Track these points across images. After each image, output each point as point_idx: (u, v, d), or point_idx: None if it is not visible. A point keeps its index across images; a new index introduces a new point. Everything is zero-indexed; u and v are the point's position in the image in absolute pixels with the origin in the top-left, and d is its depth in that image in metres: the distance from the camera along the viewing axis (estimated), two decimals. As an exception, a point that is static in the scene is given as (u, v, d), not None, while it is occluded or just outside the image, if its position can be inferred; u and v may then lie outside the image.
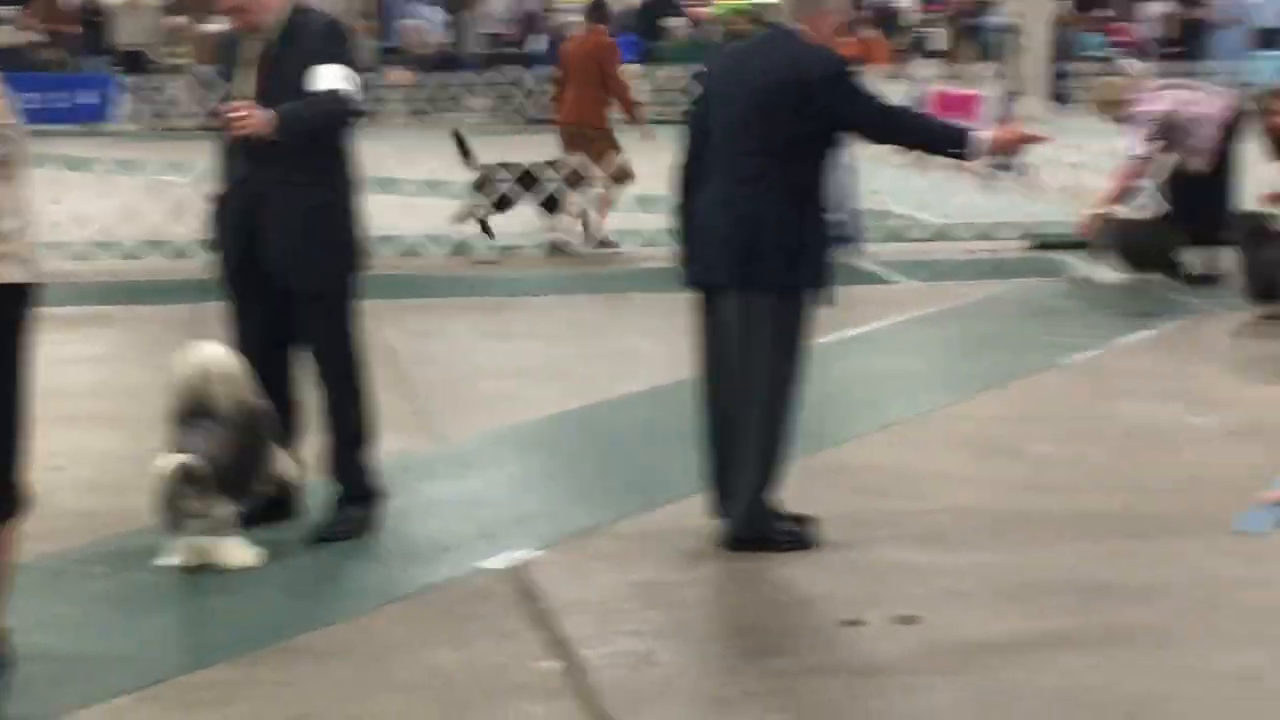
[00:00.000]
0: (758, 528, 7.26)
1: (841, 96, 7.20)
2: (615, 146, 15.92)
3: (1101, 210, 13.69)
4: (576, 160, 15.64)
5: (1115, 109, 13.78)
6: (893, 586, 6.86)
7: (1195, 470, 8.47)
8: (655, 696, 5.81)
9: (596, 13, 16.54)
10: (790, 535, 7.31)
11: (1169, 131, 13.46)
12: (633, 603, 6.71)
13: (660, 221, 14.99)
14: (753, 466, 7.27)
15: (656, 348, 11.36)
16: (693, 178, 7.40)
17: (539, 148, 16.94)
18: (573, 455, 8.98)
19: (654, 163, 16.21)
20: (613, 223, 16.09)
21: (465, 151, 16.14)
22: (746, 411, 7.25)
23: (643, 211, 15.87)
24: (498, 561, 7.16)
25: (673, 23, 30.85)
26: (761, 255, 7.15)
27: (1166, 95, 13.87)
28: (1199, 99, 13.80)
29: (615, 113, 16.18)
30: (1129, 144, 13.52)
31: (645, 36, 31.76)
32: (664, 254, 13.37)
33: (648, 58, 30.57)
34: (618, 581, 6.95)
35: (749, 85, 7.22)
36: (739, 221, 7.16)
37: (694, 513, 7.57)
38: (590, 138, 15.87)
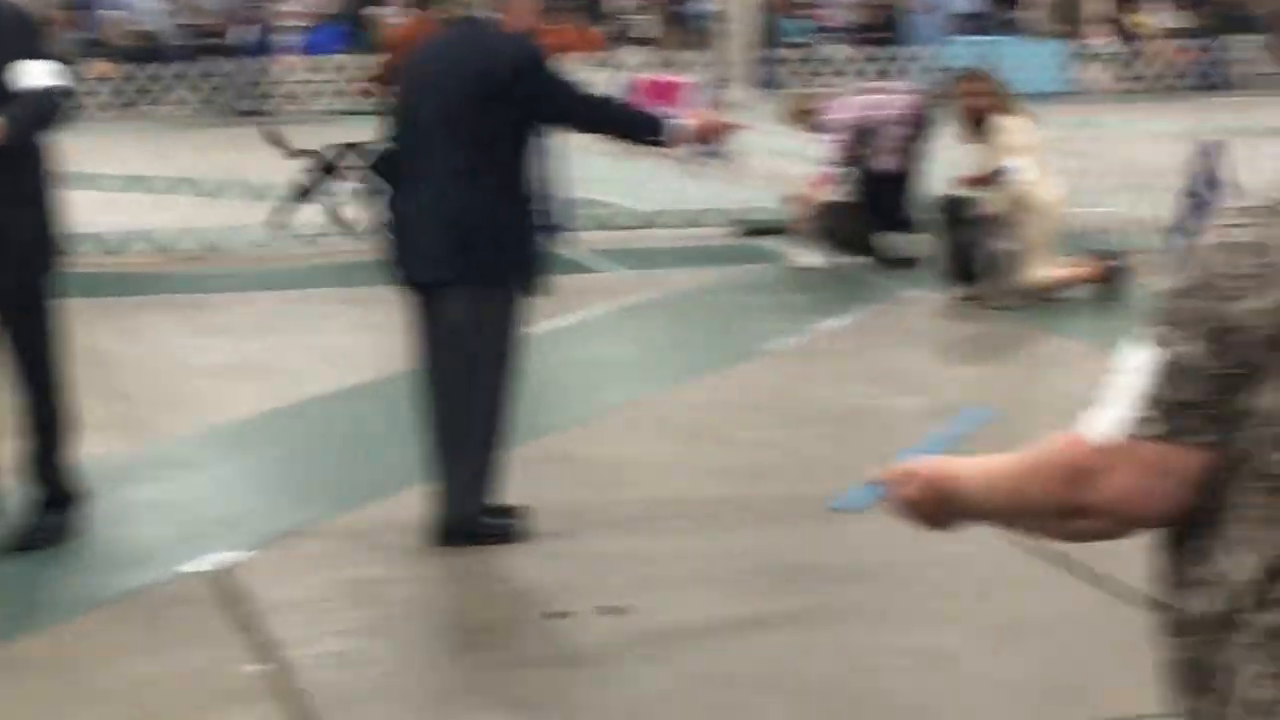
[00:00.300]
0: (470, 521, 7.26)
1: (539, 86, 7.22)
2: None
3: (803, 196, 13.98)
4: None
5: (807, 119, 14.20)
6: (601, 576, 6.91)
7: (899, 450, 8.64)
8: (365, 696, 5.79)
9: None
10: (501, 528, 7.32)
11: (860, 136, 13.86)
12: (342, 602, 6.68)
13: (366, 214, 14.92)
14: (467, 460, 7.26)
15: (366, 342, 11.29)
16: (399, 171, 7.38)
17: (247, 142, 16.74)
18: (282, 454, 8.91)
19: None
20: (319, 215, 15.90)
21: (284, 145, 16.06)
22: (463, 405, 7.25)
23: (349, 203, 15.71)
24: (203, 564, 7.08)
25: (383, 11, 30.63)
26: (477, 249, 7.15)
27: (855, 102, 14.28)
28: (887, 102, 14.25)
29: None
30: (823, 152, 13.90)
31: (355, 25, 31.54)
32: (371, 247, 13.31)
33: (358, 47, 30.36)
34: (327, 581, 6.91)
35: (451, 76, 7.21)
36: (453, 215, 7.15)
37: (405, 509, 7.55)
38: None
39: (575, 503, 7.84)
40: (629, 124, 7.57)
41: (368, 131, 7.89)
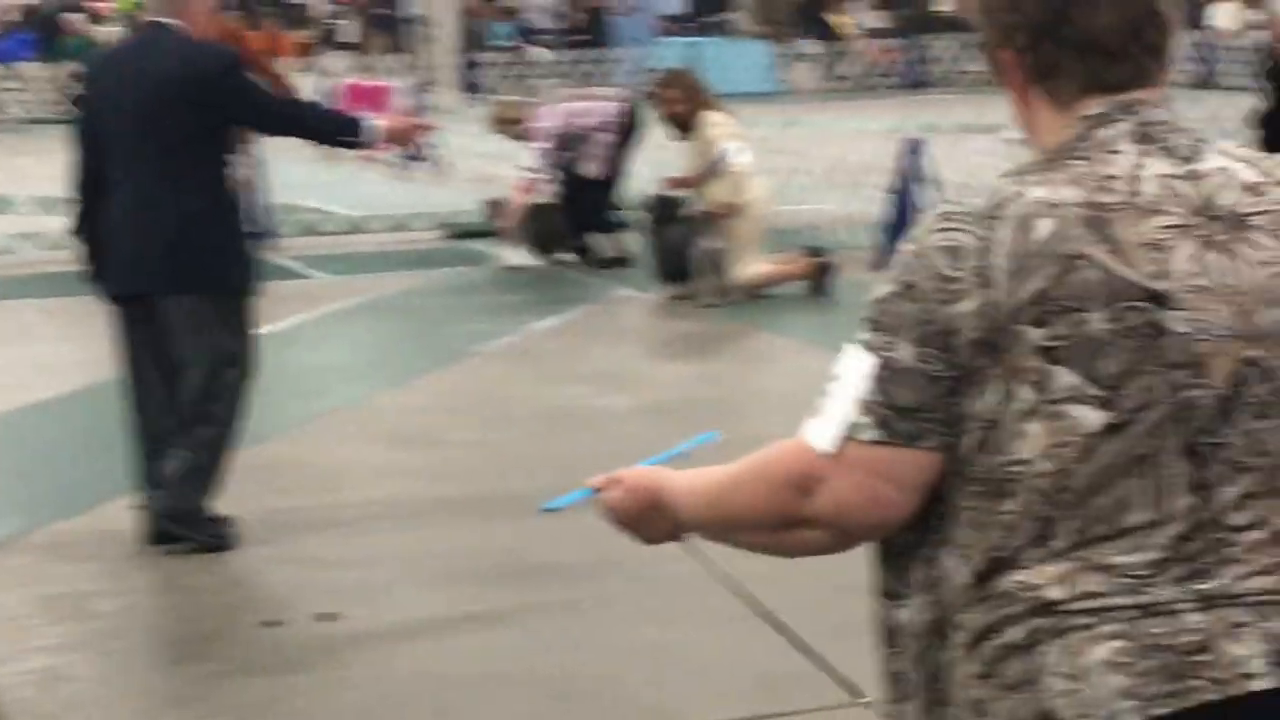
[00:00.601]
0: (187, 515, 7.10)
1: (233, 91, 7.14)
2: None
3: (509, 199, 13.96)
4: None
5: (512, 127, 14.15)
6: (314, 583, 6.78)
7: (612, 448, 8.62)
8: (67, 713, 5.61)
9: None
10: (213, 537, 7.15)
11: (566, 143, 13.86)
12: (45, 617, 6.47)
13: (63, 224, 14.56)
14: (189, 458, 7.11)
15: (67, 353, 11.00)
16: (94, 181, 7.19)
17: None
18: (-21, 467, 8.62)
19: (54, 164, 15.74)
20: (12, 226, 15.47)
21: None
22: (184, 414, 7.09)
23: (45, 214, 15.28)
24: (-102, 583, 6.82)
25: (73, 18, 30.01)
26: (190, 256, 7.03)
27: (560, 110, 14.29)
28: (592, 109, 14.26)
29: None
30: (529, 159, 13.85)
31: (44, 33, 30.82)
32: (68, 258, 12.98)
33: (48, 54, 29.67)
34: (29, 596, 6.69)
35: (144, 85, 7.06)
36: (158, 224, 7.01)
37: (111, 521, 7.36)
38: None
39: (287, 510, 7.69)
40: (324, 126, 7.55)
41: (63, 141, 7.65)
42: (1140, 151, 2.45)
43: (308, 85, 20.17)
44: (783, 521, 2.48)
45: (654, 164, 13.88)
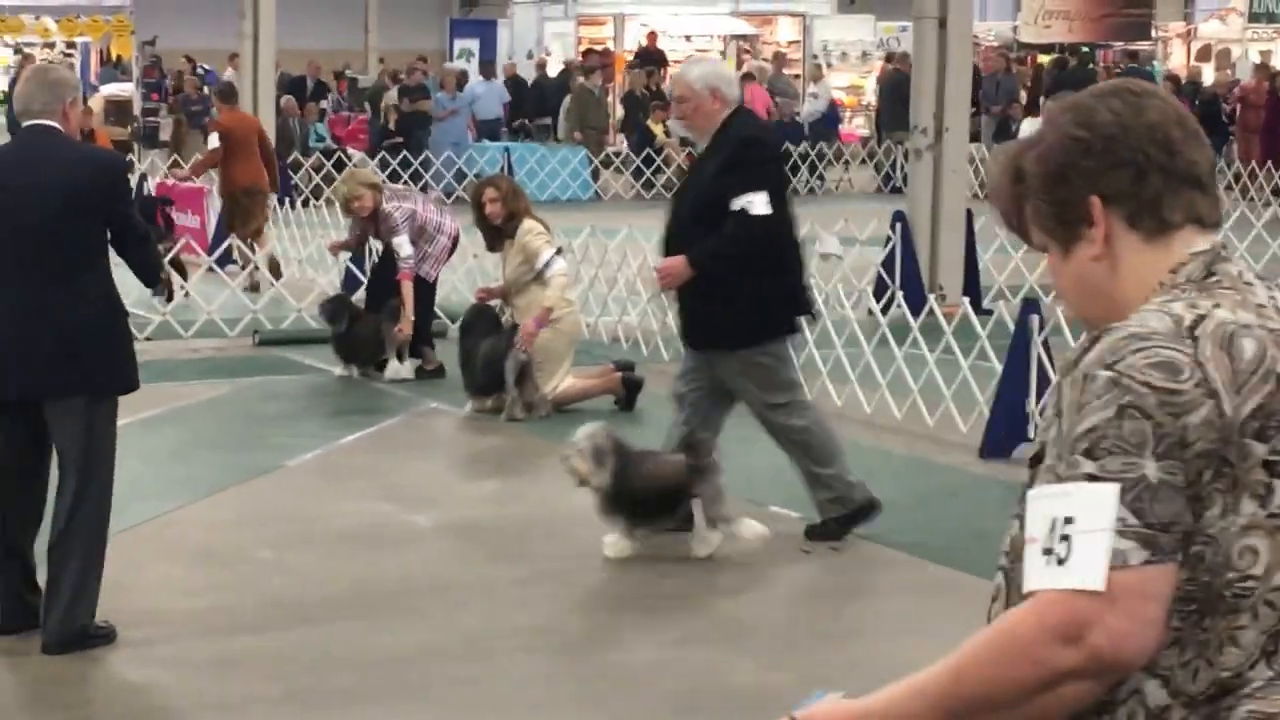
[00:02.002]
0: (84, 632, 7.25)
1: (122, 195, 7.41)
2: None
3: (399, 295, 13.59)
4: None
5: (352, 204, 13.66)
6: (108, 709, 6.70)
7: (409, 570, 8.59)
8: None
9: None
10: (107, 630, 7.37)
11: (420, 232, 13.61)
12: None
13: None
14: (78, 583, 7.22)
15: None
16: None
17: None
18: None
19: None
20: None
21: None
22: (80, 514, 7.21)
23: None
24: None
25: None
26: (86, 358, 7.16)
27: (413, 196, 14.21)
28: (433, 208, 14.04)
29: None
30: (399, 245, 13.40)
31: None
32: None
33: None
34: None
35: (37, 193, 7.13)
36: (61, 329, 7.12)
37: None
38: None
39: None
40: (150, 264, 7.72)
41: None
42: (1264, 285, 2.57)
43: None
44: (1040, 685, 2.39)
45: (466, 272, 13.79)
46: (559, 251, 12.69)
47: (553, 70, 35.80)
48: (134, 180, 20.93)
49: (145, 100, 34.04)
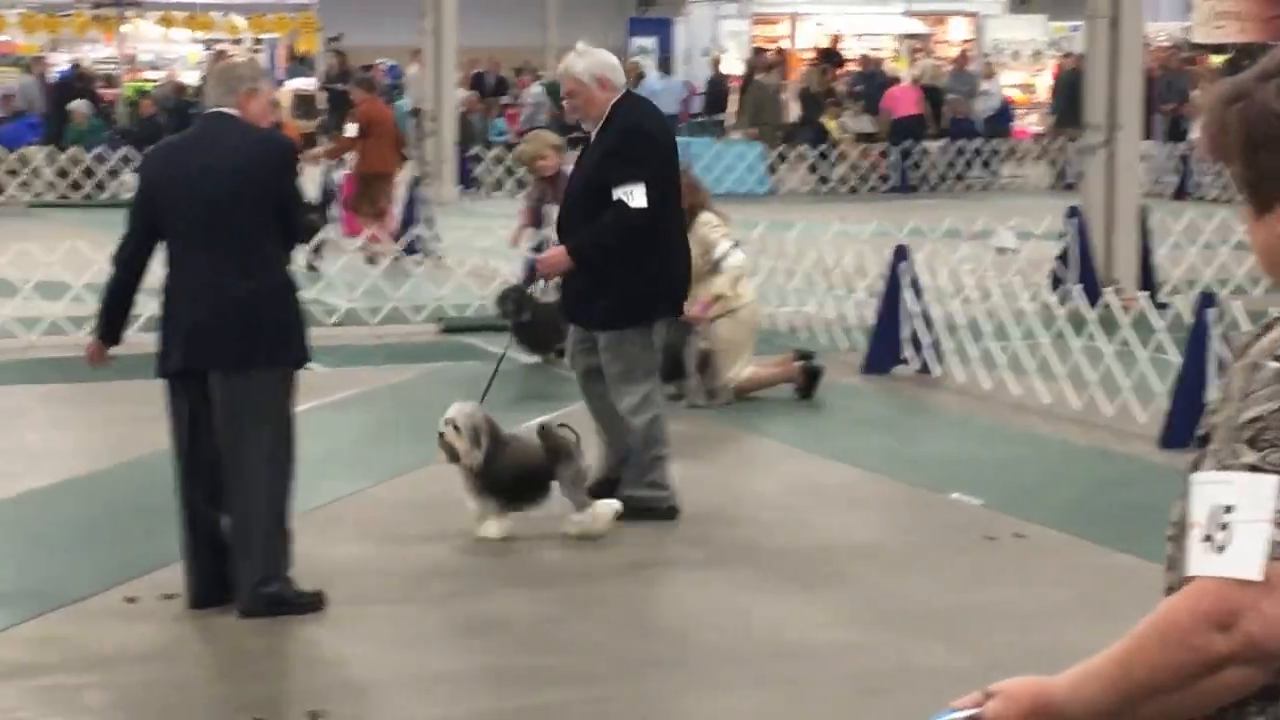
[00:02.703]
0: (282, 594, 7.47)
1: (288, 174, 7.69)
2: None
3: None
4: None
5: (536, 162, 14.20)
6: (302, 681, 6.88)
7: (588, 553, 8.72)
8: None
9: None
10: (309, 598, 7.59)
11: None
12: (37, 710, 6.56)
13: (63, 309, 14.66)
14: (274, 535, 7.47)
15: (58, 441, 11.08)
16: (137, 259, 7.65)
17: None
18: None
19: (57, 250, 15.88)
20: (14, 310, 15.53)
21: None
22: (252, 489, 7.43)
23: (46, 300, 15.37)
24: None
25: (77, 104, 30.15)
26: (262, 334, 7.45)
27: None
28: None
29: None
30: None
31: (51, 118, 30.98)
32: (70, 342, 13.08)
33: (54, 139, 29.81)
34: (21, 689, 6.79)
35: (213, 174, 7.44)
36: (237, 303, 7.40)
37: (101, 613, 7.45)
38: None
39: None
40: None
41: (67, 226, 7.85)
42: None
43: (314, 176, 20.34)
44: (1200, 670, 2.44)
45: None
46: (735, 245, 12.80)
47: (725, 68, 36.22)
48: (320, 172, 21.33)
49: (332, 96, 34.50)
